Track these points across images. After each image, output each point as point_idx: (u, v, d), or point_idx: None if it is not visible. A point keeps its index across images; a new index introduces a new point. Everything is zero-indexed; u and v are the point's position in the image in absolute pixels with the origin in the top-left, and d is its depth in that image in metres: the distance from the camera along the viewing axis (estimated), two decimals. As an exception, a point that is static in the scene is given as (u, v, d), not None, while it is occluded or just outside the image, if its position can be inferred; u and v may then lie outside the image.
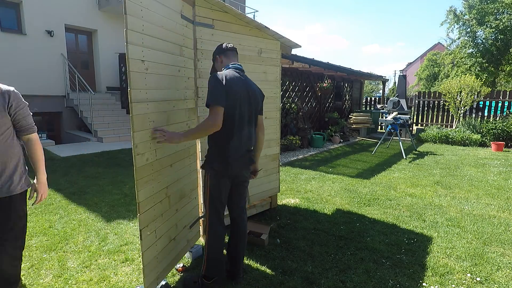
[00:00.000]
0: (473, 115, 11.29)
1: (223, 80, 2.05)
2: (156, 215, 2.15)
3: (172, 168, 2.37)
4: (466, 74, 13.87)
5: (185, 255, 2.76)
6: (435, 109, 12.30)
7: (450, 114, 11.61)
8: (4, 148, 1.87)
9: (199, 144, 2.87)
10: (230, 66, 2.25)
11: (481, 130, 9.42)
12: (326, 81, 10.09)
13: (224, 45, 2.35)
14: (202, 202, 2.23)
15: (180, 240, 2.53)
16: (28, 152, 2.01)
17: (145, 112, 2.01)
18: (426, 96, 12.58)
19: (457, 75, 17.36)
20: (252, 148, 2.32)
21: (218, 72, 2.14)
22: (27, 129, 1.95)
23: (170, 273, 2.50)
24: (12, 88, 1.88)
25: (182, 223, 2.57)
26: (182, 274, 2.50)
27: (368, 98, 15.48)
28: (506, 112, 10.67)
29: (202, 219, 2.98)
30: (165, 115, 2.25)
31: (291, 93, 9.62)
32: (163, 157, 2.23)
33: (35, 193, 2.05)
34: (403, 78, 11.70)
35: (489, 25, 15.88)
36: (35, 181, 2.05)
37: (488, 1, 15.93)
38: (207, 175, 2.21)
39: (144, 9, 1.97)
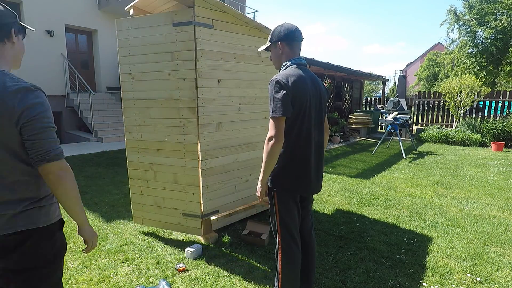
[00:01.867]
0: (473, 115, 11.29)
1: (288, 84, 1.70)
2: (141, 177, 3.16)
3: (159, 152, 3.02)
4: (465, 74, 13.87)
5: (185, 255, 2.76)
6: (435, 109, 12.30)
7: (450, 114, 11.61)
8: None
9: (199, 144, 2.87)
10: (294, 62, 1.84)
11: (481, 130, 9.42)
12: (326, 81, 10.09)
13: (291, 29, 1.85)
14: (272, 224, 1.98)
15: (168, 214, 3.10)
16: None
17: (131, 106, 3.08)
18: (426, 96, 12.58)
19: (456, 74, 17.37)
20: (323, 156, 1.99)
21: (279, 75, 1.75)
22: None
23: (170, 273, 2.50)
24: None
25: (171, 203, 3.07)
26: (182, 274, 2.51)
27: (368, 98, 15.48)
28: (506, 112, 10.66)
29: (202, 218, 2.98)
30: (148, 110, 3.00)
31: (291, 93, 9.61)
32: (148, 140, 3.05)
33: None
34: (403, 78, 11.70)
35: (489, 25, 15.88)
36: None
37: (488, 1, 15.93)
38: (274, 192, 1.88)
39: (131, 38, 2.96)
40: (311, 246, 2.06)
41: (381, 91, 20.11)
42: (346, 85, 13.03)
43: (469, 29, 16.97)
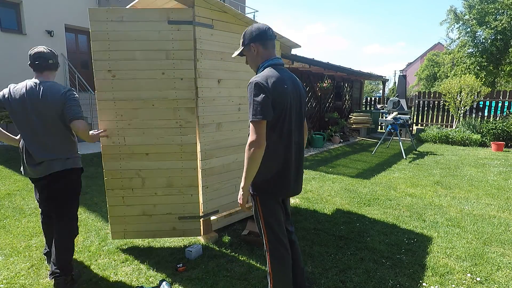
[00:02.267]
0: (473, 115, 11.28)
1: (268, 86, 1.67)
2: (124, 186, 2.83)
3: (148, 157, 2.81)
4: (465, 74, 13.87)
5: (185, 255, 2.76)
6: (435, 109, 12.29)
7: (450, 114, 11.60)
8: None
9: (199, 144, 2.87)
10: (271, 62, 1.81)
11: (481, 130, 9.42)
12: (326, 81, 10.09)
13: (262, 28, 1.82)
14: (257, 227, 1.98)
15: (161, 220, 2.92)
16: None
17: (111, 108, 2.72)
18: (426, 96, 12.58)
19: (456, 74, 17.38)
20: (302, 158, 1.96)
21: (257, 77, 1.71)
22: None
23: (170, 273, 2.50)
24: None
25: (165, 208, 2.90)
26: (182, 274, 2.50)
27: (368, 98, 15.47)
28: (506, 112, 10.66)
29: (202, 219, 2.98)
30: (135, 111, 2.75)
31: (291, 93, 9.60)
32: (134, 145, 2.78)
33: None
34: (403, 78, 11.69)
35: (489, 25, 15.88)
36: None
37: (488, 1, 15.94)
38: (256, 197, 1.86)
39: (111, 31, 2.64)
40: (292, 242, 2.04)
41: (381, 91, 20.12)
42: (346, 85, 13.03)
43: (469, 29, 16.99)
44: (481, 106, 11.26)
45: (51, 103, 2.23)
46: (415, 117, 12.61)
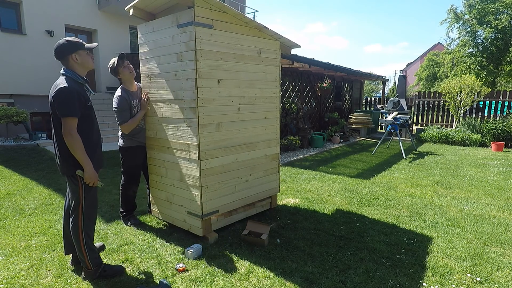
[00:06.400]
0: (473, 115, 11.28)
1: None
2: (157, 172, 3.37)
3: (169, 150, 3.16)
4: (465, 73, 13.86)
5: (185, 255, 2.76)
6: (435, 109, 12.29)
7: (450, 114, 11.60)
8: None
9: (199, 144, 2.87)
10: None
11: (481, 130, 9.42)
12: (326, 81, 10.09)
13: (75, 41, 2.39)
14: None
15: (176, 210, 3.22)
16: None
17: (150, 105, 3.32)
18: (426, 96, 12.57)
19: (456, 74, 17.38)
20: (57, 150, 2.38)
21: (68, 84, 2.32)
22: None
23: (170, 273, 2.50)
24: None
25: (179, 200, 3.17)
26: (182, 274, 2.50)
27: (368, 98, 15.47)
28: (506, 112, 10.66)
29: (202, 218, 2.98)
30: (161, 110, 3.16)
31: (291, 93, 9.62)
32: (161, 138, 3.22)
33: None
34: (403, 78, 11.70)
35: (489, 25, 15.89)
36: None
37: (489, 1, 15.94)
38: None
39: (148, 42, 3.17)
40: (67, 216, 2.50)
41: (381, 91, 20.12)
42: (346, 85, 13.03)
43: (469, 29, 16.99)
44: (481, 106, 11.26)
45: None
46: (415, 117, 12.61)
